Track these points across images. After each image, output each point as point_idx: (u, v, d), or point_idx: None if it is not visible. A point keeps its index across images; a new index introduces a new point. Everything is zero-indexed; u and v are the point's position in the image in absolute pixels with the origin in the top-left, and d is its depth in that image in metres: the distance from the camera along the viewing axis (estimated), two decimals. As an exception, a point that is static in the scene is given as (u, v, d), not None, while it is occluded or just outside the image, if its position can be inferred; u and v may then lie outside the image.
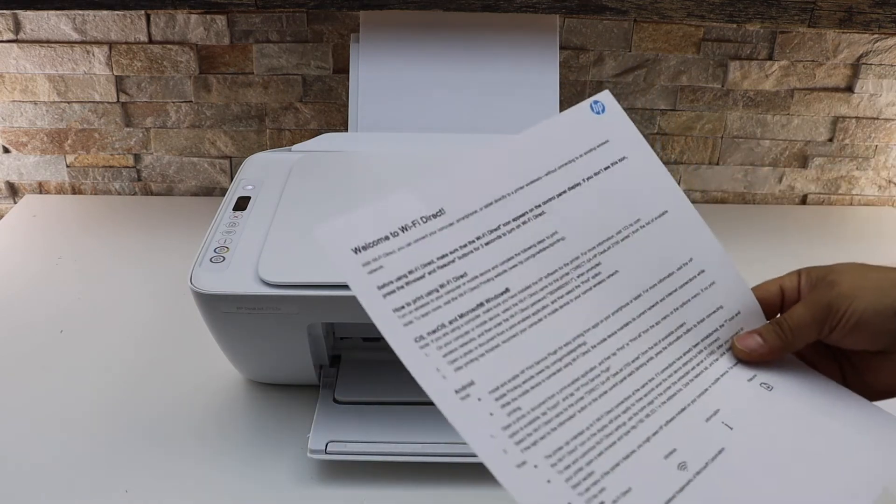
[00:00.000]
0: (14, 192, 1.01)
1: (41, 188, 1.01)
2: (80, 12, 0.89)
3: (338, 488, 0.58)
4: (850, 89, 0.95)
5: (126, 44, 0.91)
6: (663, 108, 0.97)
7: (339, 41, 0.92)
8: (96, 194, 1.01)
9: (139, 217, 0.96)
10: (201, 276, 0.57)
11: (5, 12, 0.88)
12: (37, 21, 0.89)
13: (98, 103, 0.95)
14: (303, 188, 0.68)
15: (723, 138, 0.99)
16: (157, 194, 1.02)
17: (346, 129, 0.81)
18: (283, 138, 0.98)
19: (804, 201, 1.04)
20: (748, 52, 0.93)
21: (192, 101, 0.95)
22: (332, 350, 0.67)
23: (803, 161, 1.00)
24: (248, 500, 0.57)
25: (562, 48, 0.91)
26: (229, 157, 0.99)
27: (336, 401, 0.63)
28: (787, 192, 1.03)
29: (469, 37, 0.82)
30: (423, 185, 0.41)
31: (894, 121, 0.97)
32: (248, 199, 0.67)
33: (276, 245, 0.60)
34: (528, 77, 0.81)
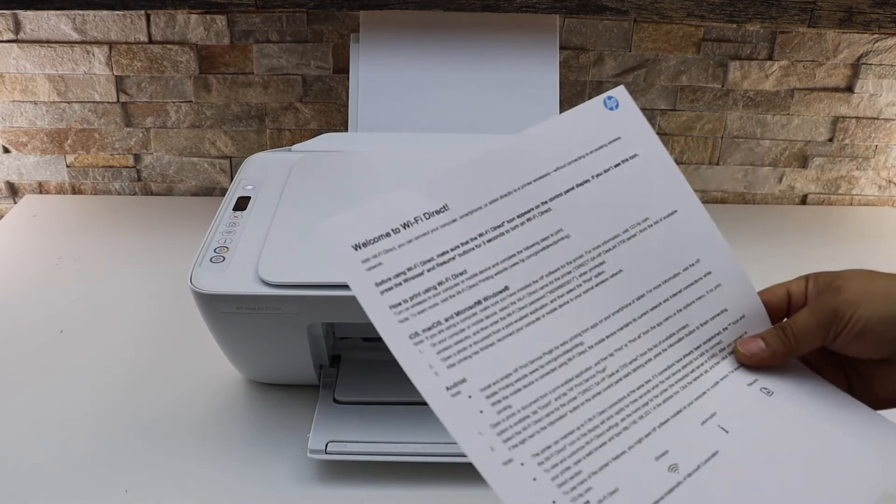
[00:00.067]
0: (14, 192, 1.01)
1: (41, 188, 1.01)
2: (80, 12, 0.89)
3: (338, 488, 0.58)
4: (850, 89, 0.95)
5: (126, 44, 0.91)
6: (663, 108, 0.97)
7: (339, 41, 0.92)
8: (96, 194, 1.01)
9: (139, 217, 0.96)
10: (201, 276, 0.57)
11: (5, 12, 0.88)
12: (37, 21, 0.89)
13: (98, 103, 0.95)
14: (303, 188, 0.68)
15: (723, 138, 0.99)
16: (157, 194, 1.02)
17: (346, 129, 0.81)
18: (283, 138, 0.98)
19: (804, 201, 1.04)
20: (748, 52, 0.93)
21: (192, 101, 0.95)
22: (332, 350, 0.67)
23: (803, 161, 1.00)
24: (248, 500, 0.57)
25: (562, 48, 0.91)
26: (229, 157, 0.99)
27: (336, 401, 0.63)
28: (787, 192, 1.03)
29: (469, 37, 0.82)
30: (429, 180, 0.41)
31: (894, 121, 0.97)
32: (248, 199, 0.67)
33: (276, 245, 0.60)
34: (528, 77, 0.81)
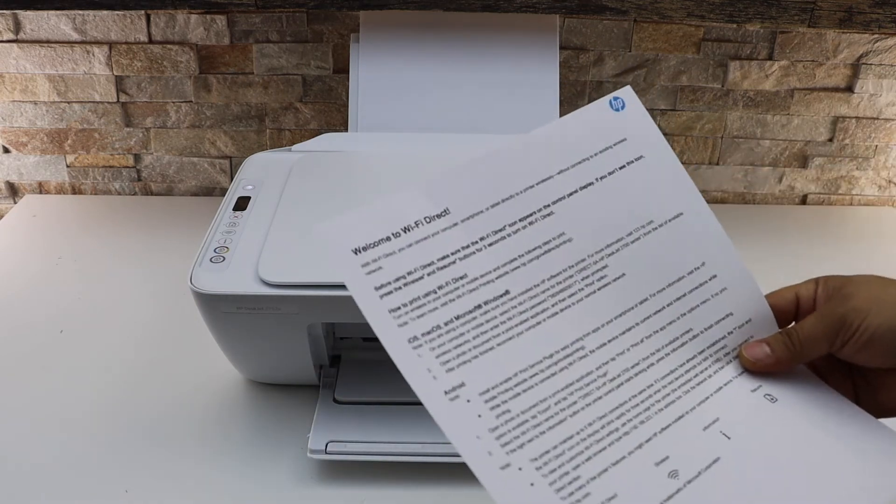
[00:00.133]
0: (14, 192, 1.01)
1: (41, 188, 1.01)
2: (80, 12, 0.89)
3: (338, 488, 0.58)
4: (850, 89, 0.95)
5: (126, 44, 0.91)
6: (663, 108, 0.97)
7: (339, 41, 0.92)
8: (96, 194, 1.01)
9: (139, 217, 0.95)
10: (201, 276, 0.57)
11: (5, 12, 0.88)
12: (37, 21, 0.89)
13: (98, 103, 0.95)
14: (303, 188, 0.68)
15: (723, 138, 0.99)
16: (157, 194, 1.02)
17: (346, 129, 0.81)
18: (283, 138, 0.98)
19: (804, 201, 1.04)
20: (748, 52, 0.93)
21: (192, 101, 0.95)
22: (332, 350, 0.67)
23: (803, 161, 1.00)
24: (248, 500, 0.57)
25: (562, 48, 0.91)
26: (229, 157, 0.99)
27: (336, 401, 0.63)
28: (787, 192, 1.03)
29: (469, 37, 0.82)
30: (430, 183, 0.40)
31: (894, 121, 0.97)
32: (248, 199, 0.67)
33: (276, 245, 0.60)
34: (528, 77, 0.81)
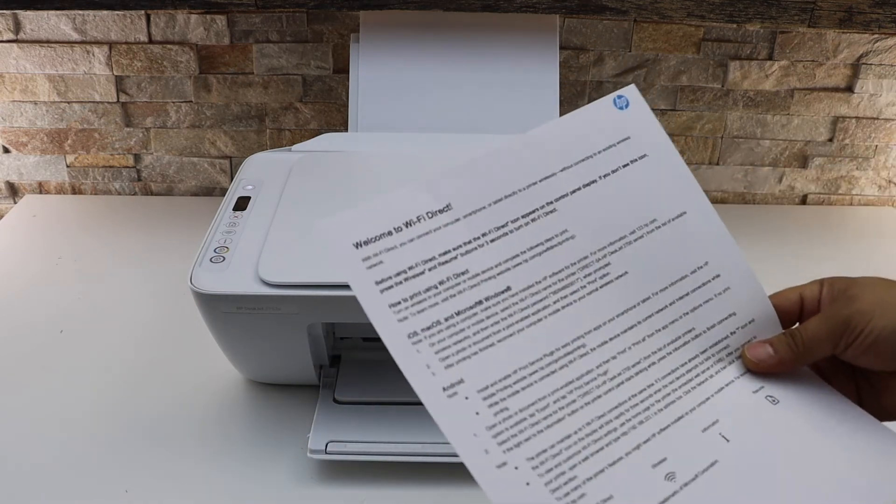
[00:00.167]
0: (14, 192, 1.01)
1: (41, 188, 1.01)
2: (80, 12, 0.89)
3: (338, 488, 0.58)
4: (850, 89, 0.95)
5: (126, 44, 0.91)
6: (663, 108, 0.97)
7: (339, 41, 0.92)
8: (96, 194, 1.01)
9: (139, 217, 0.95)
10: (201, 276, 0.57)
11: (5, 12, 0.88)
12: (37, 21, 0.89)
13: (98, 103, 0.95)
14: (303, 188, 0.68)
15: (723, 138, 0.99)
16: (157, 194, 1.02)
17: (346, 129, 0.81)
18: (283, 138, 0.98)
19: (804, 201, 1.04)
20: (748, 52, 0.93)
21: (192, 101, 0.95)
22: (332, 350, 0.67)
23: (803, 161, 1.00)
24: (248, 500, 0.57)
25: (562, 48, 0.91)
26: (229, 157, 0.99)
27: (336, 401, 0.63)
28: (787, 192, 1.03)
29: (469, 37, 0.82)
30: (433, 178, 0.40)
31: (894, 121, 0.97)
32: (248, 199, 0.67)
33: (276, 245, 0.60)
34: (528, 77, 0.81)
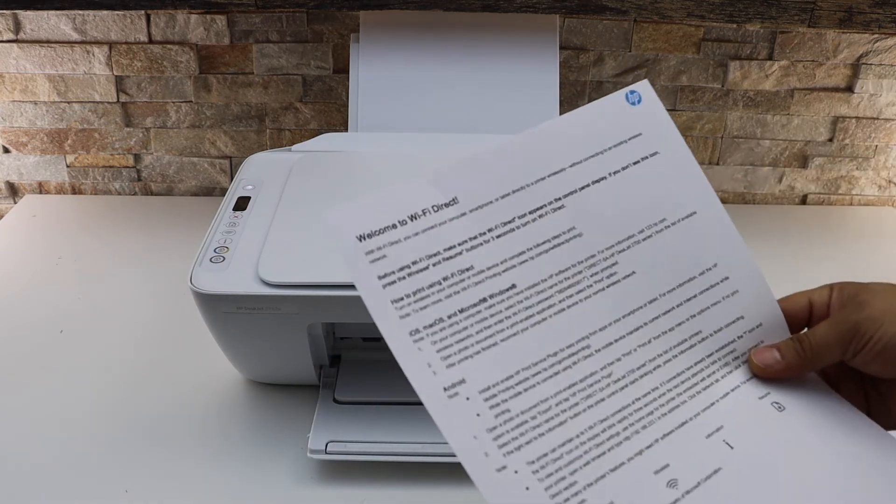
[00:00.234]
0: (14, 192, 1.01)
1: (41, 188, 1.01)
2: (80, 12, 0.89)
3: (338, 488, 0.58)
4: (850, 89, 0.95)
5: (126, 44, 0.91)
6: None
7: (339, 41, 0.92)
8: (96, 194, 1.01)
9: (139, 217, 0.95)
10: (201, 276, 0.57)
11: (5, 12, 0.88)
12: (37, 21, 0.89)
13: (98, 103, 0.95)
14: (303, 188, 0.68)
15: (723, 138, 0.99)
16: (157, 194, 1.02)
17: (346, 129, 0.81)
18: (283, 138, 0.98)
19: (804, 201, 1.04)
20: (748, 52, 0.93)
21: (192, 101, 0.95)
22: (332, 350, 0.67)
23: (803, 161, 1.00)
24: (248, 500, 0.57)
25: (562, 48, 0.91)
26: (229, 157, 0.99)
27: (336, 401, 0.63)
28: (787, 192, 1.03)
29: (469, 37, 0.82)
30: (440, 172, 0.40)
31: (894, 121, 0.97)
32: (248, 199, 0.67)
33: (276, 245, 0.60)
34: (528, 77, 0.81)
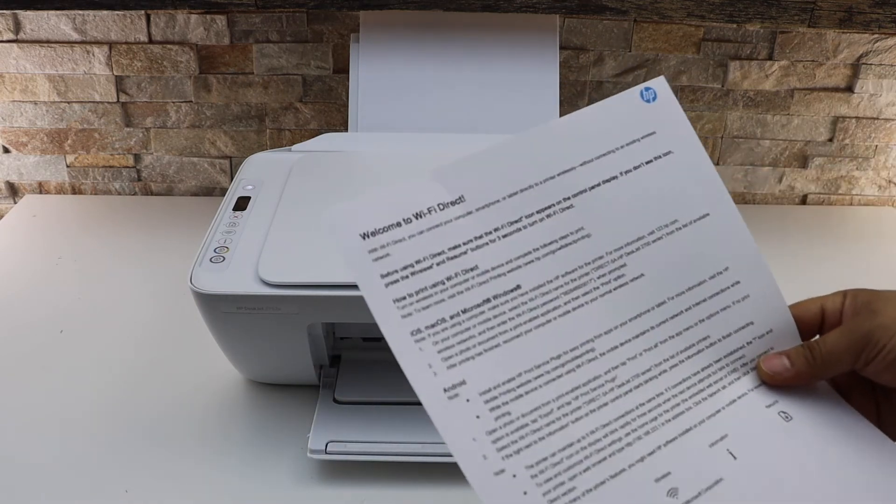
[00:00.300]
0: (14, 192, 1.01)
1: (41, 188, 1.01)
2: (80, 12, 0.89)
3: (338, 488, 0.58)
4: (850, 89, 0.95)
5: (126, 44, 0.91)
6: (663, 108, 0.97)
7: (339, 41, 0.92)
8: (96, 194, 1.01)
9: (139, 217, 0.95)
10: (201, 276, 0.57)
11: (5, 12, 0.88)
12: (37, 21, 0.89)
13: (98, 103, 0.95)
14: (303, 188, 0.68)
15: (723, 138, 0.99)
16: (157, 194, 1.02)
17: (346, 129, 0.81)
18: (283, 138, 0.98)
19: (804, 201, 1.04)
20: (748, 52, 0.93)
21: (192, 101, 0.95)
22: (332, 350, 0.67)
23: (803, 161, 1.00)
24: (248, 500, 0.57)
25: (562, 48, 0.91)
26: (229, 157, 0.99)
27: (336, 401, 0.63)
28: (787, 192, 1.03)
29: (469, 37, 0.82)
30: (446, 169, 0.39)
31: (894, 121, 0.97)
32: (248, 199, 0.67)
33: (276, 245, 0.60)
34: (528, 77, 0.81)
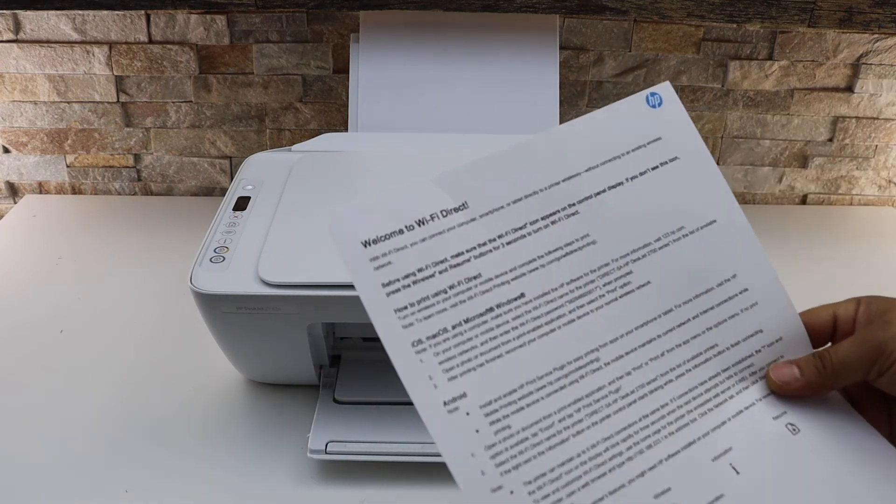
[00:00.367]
0: (14, 192, 1.01)
1: (41, 188, 1.01)
2: (80, 12, 0.89)
3: (338, 488, 0.58)
4: (850, 89, 0.95)
5: (126, 44, 0.91)
6: (663, 108, 0.97)
7: (339, 41, 0.92)
8: (96, 194, 1.01)
9: (139, 217, 0.95)
10: (201, 276, 0.57)
11: (5, 12, 0.88)
12: (37, 21, 0.89)
13: (98, 103, 0.95)
14: (303, 188, 0.68)
15: (723, 138, 0.99)
16: (157, 194, 1.02)
17: (346, 129, 0.81)
18: (283, 138, 0.98)
19: (804, 201, 1.04)
20: (748, 52, 0.93)
21: (192, 101, 0.95)
22: (332, 350, 0.67)
23: (803, 161, 1.00)
24: (248, 500, 0.57)
25: (562, 48, 0.91)
26: (229, 157, 0.99)
27: (336, 401, 0.63)
28: (787, 192, 1.03)
29: (469, 37, 0.82)
30: (450, 174, 0.38)
31: (894, 121, 0.97)
32: (248, 199, 0.67)
33: (276, 245, 0.60)
34: (528, 77, 0.81)
